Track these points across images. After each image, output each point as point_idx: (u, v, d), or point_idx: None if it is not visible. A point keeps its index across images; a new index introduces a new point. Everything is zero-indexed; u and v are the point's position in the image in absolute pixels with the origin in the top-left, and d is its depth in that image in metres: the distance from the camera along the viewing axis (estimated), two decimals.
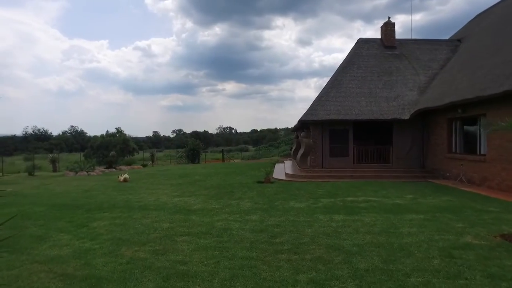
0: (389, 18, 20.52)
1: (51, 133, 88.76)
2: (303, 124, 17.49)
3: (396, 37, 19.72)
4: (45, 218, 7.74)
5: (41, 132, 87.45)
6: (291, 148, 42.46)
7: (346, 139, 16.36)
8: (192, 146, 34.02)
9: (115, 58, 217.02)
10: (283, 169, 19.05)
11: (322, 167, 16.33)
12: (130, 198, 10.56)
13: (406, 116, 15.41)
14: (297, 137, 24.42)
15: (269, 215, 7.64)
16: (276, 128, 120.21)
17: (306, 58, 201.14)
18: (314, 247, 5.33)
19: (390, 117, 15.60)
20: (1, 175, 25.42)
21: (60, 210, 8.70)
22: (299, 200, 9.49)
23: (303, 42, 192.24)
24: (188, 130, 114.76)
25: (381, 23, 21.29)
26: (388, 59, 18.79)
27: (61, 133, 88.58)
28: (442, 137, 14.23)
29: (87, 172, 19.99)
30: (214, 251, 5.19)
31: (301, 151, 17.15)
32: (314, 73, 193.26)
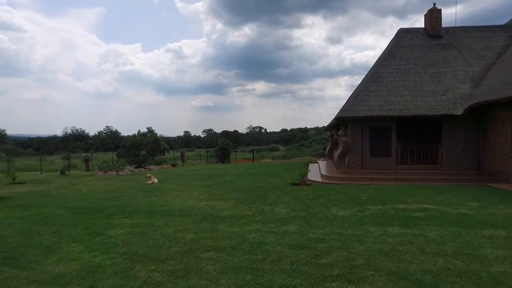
0: (434, 4, 18.61)
1: (88, 133, 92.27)
2: (341, 121, 16.13)
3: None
4: (61, 224, 7.07)
5: (79, 132, 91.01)
6: (325, 148, 40.90)
7: (389, 138, 14.83)
8: (222, 145, 33.35)
9: (148, 60, 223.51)
10: (317, 170, 17.78)
11: (362, 168, 14.91)
12: (154, 201, 9.79)
13: (459, 111, 13.65)
14: (332, 135, 22.99)
15: (310, 226, 6.52)
16: (306, 128, 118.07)
17: (337, 56, 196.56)
18: (372, 272, 4.17)
19: (439, 113, 13.90)
20: (40, 173, 25.99)
21: (79, 214, 8.05)
22: (342, 207, 8.28)
23: (333, 40, 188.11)
24: (218, 130, 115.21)
25: (415, 17, 19.75)
26: (434, 49, 16.97)
27: (97, 133, 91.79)
28: (505, 134, 12.38)
29: (116, 171, 19.76)
30: (246, 275, 4.16)
31: (338, 151, 15.81)
32: (345, 72, 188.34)
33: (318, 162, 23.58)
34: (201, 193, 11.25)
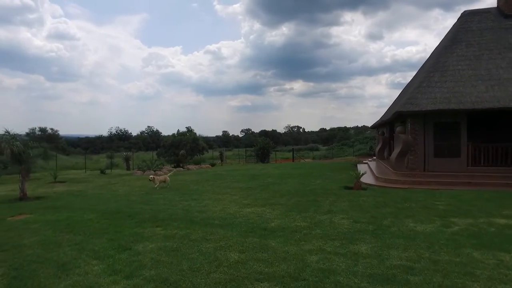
0: None
1: (131, 133, 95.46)
2: (398, 117, 14.24)
3: None
4: (87, 232, 6.15)
5: (122, 132, 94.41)
6: (371, 148, 38.39)
7: (457, 135, 12.74)
8: (262, 144, 32.12)
9: (188, 62, 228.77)
10: (369, 171, 15.98)
11: (424, 170, 12.96)
12: (191, 206, 8.73)
13: None
14: (382, 134, 20.94)
15: (386, 246, 5.03)
16: (345, 127, 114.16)
17: (377, 53, 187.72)
18: None
19: None
20: (84, 171, 26.39)
21: (109, 220, 7.15)
22: (417, 219, 6.66)
23: (374, 36, 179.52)
24: (256, 129, 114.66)
25: (463, 8, 16.88)
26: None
27: (139, 133, 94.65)
28: None
29: (154, 171, 19.24)
30: None
31: (396, 150, 13.95)
32: (386, 69, 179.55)
33: (366, 163, 21.61)
34: (243, 197, 10.05)
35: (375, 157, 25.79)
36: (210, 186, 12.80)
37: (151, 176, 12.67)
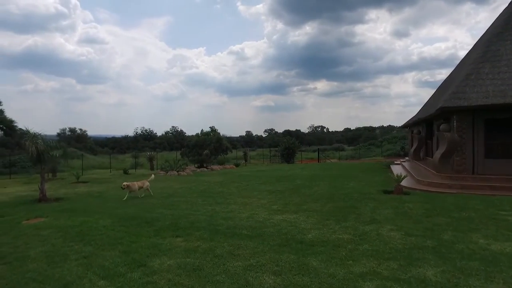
0: None
1: (156, 133, 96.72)
2: (441, 114, 12.87)
3: None
4: (99, 242, 5.44)
5: (147, 132, 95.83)
6: (402, 148, 36.46)
7: None
8: (287, 144, 31.08)
9: (211, 63, 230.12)
10: (405, 173, 14.66)
11: (473, 173, 11.57)
12: (216, 211, 7.92)
13: None
14: (418, 132, 19.44)
15: (457, 269, 3.98)
16: (371, 126, 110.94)
17: (403, 51, 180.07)
18: None
19: None
20: (110, 171, 26.38)
21: (125, 227, 6.45)
22: (487, 233, 5.52)
23: (400, 33, 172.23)
24: (279, 129, 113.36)
25: (498, 1, 15.12)
26: None
27: (164, 133, 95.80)
28: None
29: (177, 171, 18.69)
30: None
31: (440, 150, 12.57)
32: (412, 67, 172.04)
33: (400, 163, 20.16)
34: (272, 201, 9.15)
35: (407, 158, 24.20)
36: (236, 188, 11.98)
37: (124, 183, 10.37)
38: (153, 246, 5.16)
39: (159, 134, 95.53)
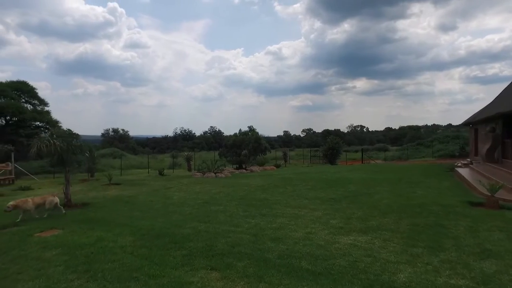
0: None
1: (194, 133, 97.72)
2: None
3: None
4: (108, 276, 4.04)
5: (186, 132, 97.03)
6: (462, 148, 32.77)
7: None
8: (331, 144, 28.86)
9: (249, 63, 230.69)
10: (483, 179, 12.19)
11: None
12: (261, 226, 6.33)
13: None
14: (492, 130, 16.60)
15: None
16: (416, 125, 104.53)
17: (449, 45, 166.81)
18: None
19: None
20: (148, 171, 25.85)
21: (148, 248, 5.03)
22: None
23: (445, 27, 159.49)
24: (317, 129, 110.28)
25: None
26: None
27: (202, 133, 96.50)
28: None
29: (215, 173, 17.39)
30: None
31: None
32: (459, 62, 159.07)
33: (468, 166, 17.41)
34: (329, 213, 7.40)
35: (468, 159, 21.19)
36: (281, 194, 10.33)
37: (10, 204, 7.54)
38: (178, 283, 3.66)
39: (197, 134, 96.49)
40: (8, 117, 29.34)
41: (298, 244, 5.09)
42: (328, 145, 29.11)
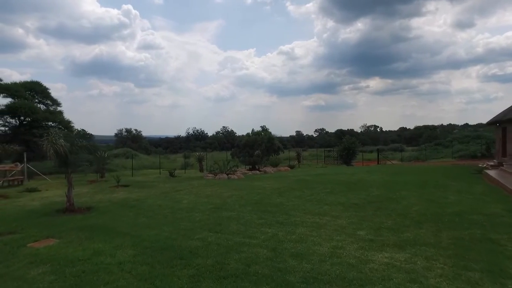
0: None
1: (207, 133, 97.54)
2: None
3: None
4: None
5: (199, 132, 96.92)
6: (487, 147, 31.21)
7: None
8: (347, 144, 27.82)
9: (261, 64, 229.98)
10: None
11: None
12: (280, 238, 5.56)
13: None
14: None
15: None
16: (433, 125, 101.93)
17: (466, 43, 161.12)
18: None
19: None
20: (159, 172, 25.41)
21: (149, 266, 4.34)
22: None
23: (462, 24, 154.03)
24: (330, 129, 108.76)
25: None
26: None
27: (215, 133, 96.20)
28: None
29: (227, 174, 16.69)
30: None
31: None
32: (477, 60, 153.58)
33: (500, 168, 16.24)
34: (354, 222, 6.59)
35: (495, 160, 19.92)
36: (298, 199, 9.54)
37: None
38: None
39: (210, 134, 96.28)
40: (22, 118, 29.38)
41: (325, 263, 4.31)
42: (344, 145, 28.10)
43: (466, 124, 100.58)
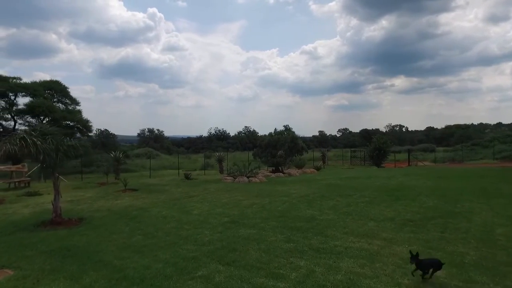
0: None
1: (229, 133, 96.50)
2: None
3: None
4: None
5: (221, 132, 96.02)
6: None
7: None
8: (378, 144, 25.50)
9: (284, 64, 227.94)
10: None
11: None
12: (318, 279, 3.80)
13: None
14: None
15: None
16: (465, 124, 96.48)
17: (499, 37, 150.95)
18: None
19: None
20: (178, 173, 24.17)
21: None
22: None
23: (496, 18, 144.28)
24: (353, 129, 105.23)
25: None
26: None
27: (237, 133, 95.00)
28: None
29: (247, 177, 15.03)
30: None
31: None
32: (511, 55, 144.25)
33: None
34: (418, 250, 4.74)
35: None
36: (333, 210, 7.70)
37: None
38: None
39: (232, 134, 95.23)
40: (42, 117, 29.01)
41: None
42: (374, 145, 25.80)
43: (500, 123, 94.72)
